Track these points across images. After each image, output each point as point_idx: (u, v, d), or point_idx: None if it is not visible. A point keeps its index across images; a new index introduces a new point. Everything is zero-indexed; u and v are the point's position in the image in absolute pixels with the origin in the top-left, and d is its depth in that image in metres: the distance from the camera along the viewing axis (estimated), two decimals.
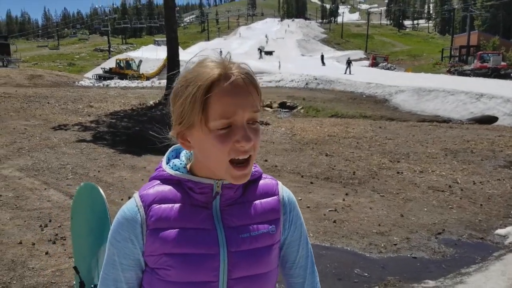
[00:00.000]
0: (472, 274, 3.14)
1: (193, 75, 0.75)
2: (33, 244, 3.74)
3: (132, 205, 0.81)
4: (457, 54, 44.72)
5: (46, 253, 3.57)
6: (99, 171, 6.32)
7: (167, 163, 0.86)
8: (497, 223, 4.51)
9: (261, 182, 0.88)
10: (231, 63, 0.76)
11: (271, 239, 0.84)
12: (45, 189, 5.37)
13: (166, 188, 0.82)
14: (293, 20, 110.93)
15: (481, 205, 5.08)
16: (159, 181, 0.84)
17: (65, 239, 3.85)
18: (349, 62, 29.92)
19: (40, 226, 4.17)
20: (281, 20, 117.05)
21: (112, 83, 27.21)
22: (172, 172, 0.83)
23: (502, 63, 30.19)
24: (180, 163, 0.85)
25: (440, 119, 13.03)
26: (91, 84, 26.37)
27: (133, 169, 6.55)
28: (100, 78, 31.73)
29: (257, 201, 0.85)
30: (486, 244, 3.98)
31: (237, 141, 0.73)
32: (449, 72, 35.11)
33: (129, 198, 4.97)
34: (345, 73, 28.14)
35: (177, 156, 0.90)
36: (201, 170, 0.81)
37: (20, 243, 3.75)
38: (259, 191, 0.87)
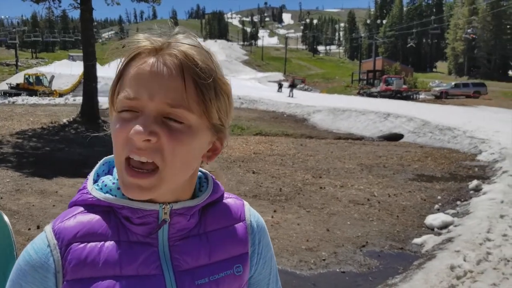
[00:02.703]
0: (398, 285, 3.25)
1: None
2: None
3: (41, 244, 0.57)
4: (365, 77, 49.20)
5: None
6: (1, 198, 5.64)
7: (95, 182, 0.63)
8: (413, 232, 4.82)
9: (224, 203, 0.68)
10: (174, 38, 0.57)
11: (236, 282, 0.64)
12: None
13: (93, 218, 0.59)
14: (215, 41, 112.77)
15: (397, 216, 5.41)
16: (82, 208, 0.60)
17: None
18: (292, 85, 30.42)
19: None
20: (204, 41, 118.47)
21: (20, 99, 24.61)
22: (100, 195, 0.59)
23: (404, 86, 34.01)
24: (113, 183, 0.61)
25: (354, 137, 13.96)
26: None
27: (42, 194, 5.92)
28: (5, 94, 28.85)
29: (218, 231, 0.64)
30: (406, 254, 4.20)
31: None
32: (359, 94, 38.44)
33: (38, 228, 4.21)
34: (289, 95, 28.23)
35: (109, 171, 0.66)
36: None
37: None
38: (221, 217, 0.66)
